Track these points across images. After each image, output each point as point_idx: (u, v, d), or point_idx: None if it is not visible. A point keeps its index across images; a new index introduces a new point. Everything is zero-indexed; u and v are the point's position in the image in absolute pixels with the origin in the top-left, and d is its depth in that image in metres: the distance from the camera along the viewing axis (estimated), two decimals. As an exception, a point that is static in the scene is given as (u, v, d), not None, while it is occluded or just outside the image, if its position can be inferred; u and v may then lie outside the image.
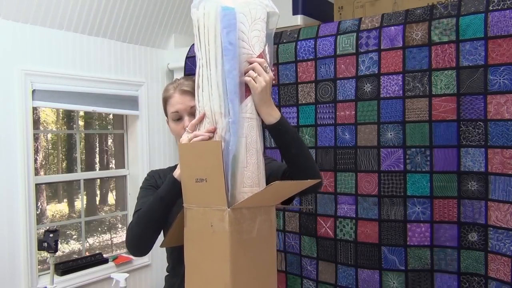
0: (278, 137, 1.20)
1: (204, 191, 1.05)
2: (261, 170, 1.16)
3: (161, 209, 1.22)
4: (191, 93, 1.29)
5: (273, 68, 1.17)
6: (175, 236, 1.21)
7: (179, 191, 1.15)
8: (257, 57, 1.13)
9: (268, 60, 1.16)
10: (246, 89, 1.13)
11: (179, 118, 1.34)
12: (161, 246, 1.26)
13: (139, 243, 1.26)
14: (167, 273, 1.47)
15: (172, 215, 1.22)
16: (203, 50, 1.13)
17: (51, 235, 2.09)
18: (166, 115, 1.40)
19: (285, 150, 1.21)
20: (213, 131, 1.13)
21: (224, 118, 1.11)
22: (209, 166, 1.02)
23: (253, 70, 1.12)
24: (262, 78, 1.11)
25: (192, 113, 1.30)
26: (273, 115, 1.16)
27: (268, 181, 1.16)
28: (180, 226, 1.15)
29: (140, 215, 1.25)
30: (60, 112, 2.86)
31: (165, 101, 1.38)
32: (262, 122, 1.18)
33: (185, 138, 1.17)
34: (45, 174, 2.82)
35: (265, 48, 1.17)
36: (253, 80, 1.11)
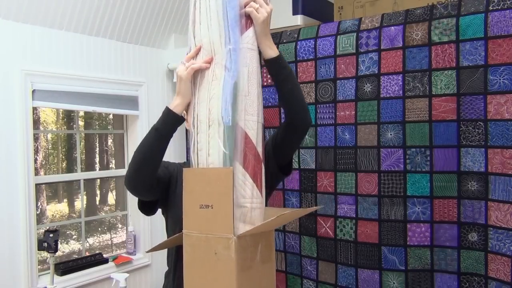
0: (277, 71, 1.23)
1: (208, 218, 1.04)
2: (260, 102, 1.19)
3: (155, 140, 1.21)
4: None
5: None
6: (161, 246, 1.25)
7: (173, 123, 1.20)
8: None
9: None
10: (247, 22, 1.17)
11: None
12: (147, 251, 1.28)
13: (135, 177, 1.23)
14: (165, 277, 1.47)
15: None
16: None
17: (51, 235, 2.09)
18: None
19: (282, 84, 1.25)
20: (210, 61, 1.15)
21: (225, 47, 1.12)
22: (217, 192, 1.02)
23: (254, 2, 1.17)
24: (264, 9, 1.16)
25: None
26: (273, 49, 1.21)
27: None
28: (171, 243, 1.19)
29: (137, 149, 1.24)
30: (60, 112, 2.86)
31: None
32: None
33: (181, 67, 1.18)
34: (45, 174, 2.82)
35: None
36: (255, 10, 1.16)
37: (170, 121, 1.20)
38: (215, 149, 1.12)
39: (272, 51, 1.21)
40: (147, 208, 1.36)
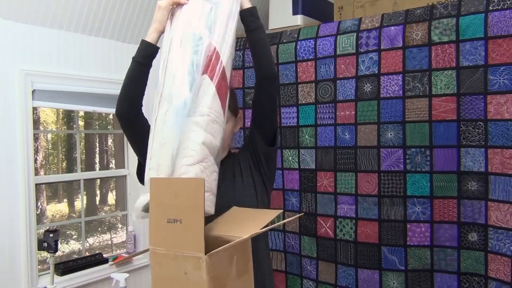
0: (251, 20, 1.31)
1: (177, 234, 0.93)
2: (234, 40, 1.26)
3: (133, 69, 1.33)
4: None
5: None
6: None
7: (145, 49, 1.31)
8: None
9: None
10: None
11: None
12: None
13: (120, 103, 1.34)
14: None
15: None
16: None
17: (51, 235, 2.09)
18: None
19: (254, 33, 1.33)
20: None
21: None
22: (186, 205, 0.92)
23: None
24: None
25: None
26: (249, 2, 1.32)
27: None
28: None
29: (123, 82, 1.35)
30: (60, 112, 2.86)
31: None
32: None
33: (163, 1, 1.27)
34: (45, 174, 2.82)
35: None
36: None
37: (143, 48, 1.32)
38: (184, 62, 1.18)
39: (248, 3, 1.32)
40: (143, 175, 1.39)
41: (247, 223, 1.04)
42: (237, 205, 1.18)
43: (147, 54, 1.32)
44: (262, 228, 0.97)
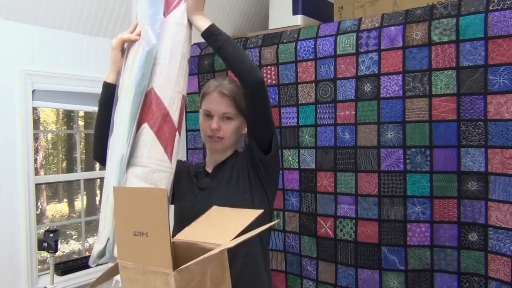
0: (213, 40, 1.28)
1: (144, 248, 0.88)
2: (184, 74, 1.27)
3: (98, 110, 1.36)
4: (229, 97, 1.37)
5: None
6: (102, 278, 1.10)
7: (105, 90, 1.32)
8: None
9: None
10: None
11: (209, 115, 1.39)
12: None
13: (96, 150, 1.39)
14: None
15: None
16: None
17: (51, 235, 2.09)
18: (199, 108, 1.46)
19: (222, 51, 1.29)
20: (139, 34, 1.26)
21: (149, 17, 1.23)
22: (151, 217, 0.87)
23: None
24: None
25: (223, 117, 1.37)
26: (205, 21, 1.29)
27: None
28: (110, 274, 1.04)
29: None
30: (60, 112, 2.87)
31: (203, 96, 1.43)
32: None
33: (114, 40, 1.30)
34: (45, 174, 2.82)
35: None
36: None
37: (103, 89, 1.34)
38: (125, 110, 1.20)
39: (204, 23, 1.29)
40: None
41: (225, 226, 1.00)
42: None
43: (108, 95, 1.32)
44: (243, 232, 0.92)
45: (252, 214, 0.99)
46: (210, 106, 1.38)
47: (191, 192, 1.41)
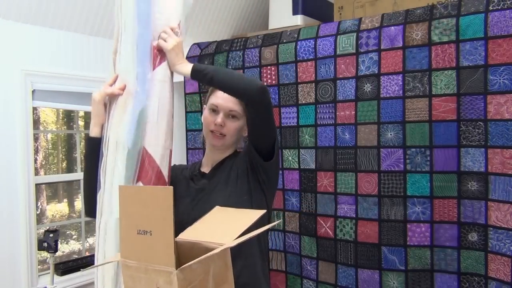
0: (202, 74, 1.30)
1: (147, 246, 0.89)
2: (171, 129, 1.30)
3: (85, 165, 1.37)
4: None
5: (183, 29, 1.38)
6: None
7: (89, 144, 1.33)
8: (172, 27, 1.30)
9: (183, 30, 1.36)
10: (161, 54, 1.29)
11: (214, 110, 1.39)
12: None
13: (86, 207, 1.39)
14: None
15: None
16: (122, 19, 1.29)
17: (51, 235, 2.09)
18: (205, 103, 1.47)
19: (214, 83, 1.32)
20: (123, 89, 1.27)
21: (136, 78, 1.25)
22: (156, 216, 0.87)
23: (164, 33, 1.30)
24: (172, 39, 1.29)
25: (229, 115, 1.38)
26: (188, 65, 1.30)
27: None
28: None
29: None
30: (60, 112, 2.87)
31: (212, 91, 1.44)
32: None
33: (96, 93, 1.30)
34: (45, 174, 2.82)
35: (181, 21, 1.35)
36: (164, 40, 1.29)
37: (87, 144, 1.35)
38: (119, 170, 1.22)
39: (187, 68, 1.30)
40: None
41: (228, 226, 1.01)
42: None
43: (93, 149, 1.32)
44: (245, 233, 0.93)
45: (255, 214, 0.99)
46: (218, 101, 1.38)
47: (188, 195, 1.40)
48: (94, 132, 1.33)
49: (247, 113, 1.33)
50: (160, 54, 1.30)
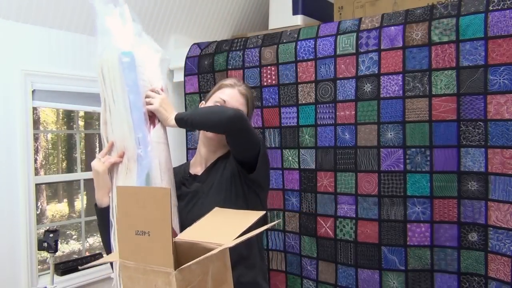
0: (184, 121, 1.34)
1: (145, 247, 0.89)
2: (173, 185, 1.36)
3: (100, 231, 1.41)
4: (244, 99, 1.46)
5: (166, 90, 1.44)
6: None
7: (101, 215, 1.34)
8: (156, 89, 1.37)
9: (164, 87, 1.41)
10: (152, 118, 1.34)
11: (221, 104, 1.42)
12: None
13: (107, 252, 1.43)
14: None
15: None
16: (109, 91, 1.31)
17: (51, 235, 2.09)
18: (206, 97, 1.50)
19: (197, 127, 1.39)
20: (122, 156, 1.30)
21: (136, 143, 1.28)
22: (154, 217, 0.88)
23: (149, 96, 1.35)
24: (156, 99, 1.34)
25: None
26: (171, 118, 1.34)
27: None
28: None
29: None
30: (60, 112, 2.87)
31: (220, 87, 1.47)
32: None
33: (97, 162, 1.31)
34: (45, 174, 2.82)
35: (162, 85, 1.41)
36: (150, 103, 1.33)
37: (99, 214, 1.36)
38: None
39: (172, 121, 1.34)
40: None
41: (227, 227, 1.01)
42: None
43: (105, 219, 1.33)
44: (244, 233, 0.93)
45: (254, 215, 0.99)
46: (228, 98, 1.42)
47: (182, 199, 1.40)
48: (103, 202, 1.33)
49: (227, 139, 1.35)
50: (150, 118, 1.35)
